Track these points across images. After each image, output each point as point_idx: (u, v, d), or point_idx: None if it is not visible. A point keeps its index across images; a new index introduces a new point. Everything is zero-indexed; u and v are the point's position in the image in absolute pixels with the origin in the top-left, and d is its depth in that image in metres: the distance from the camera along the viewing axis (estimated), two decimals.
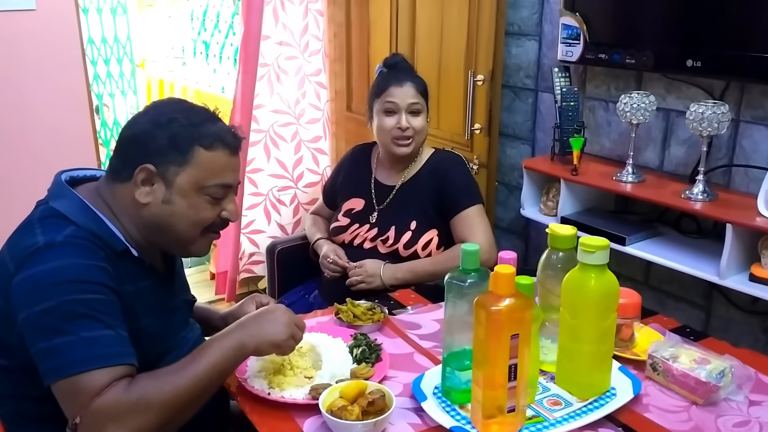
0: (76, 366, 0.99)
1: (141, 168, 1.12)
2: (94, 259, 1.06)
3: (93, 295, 1.03)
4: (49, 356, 1.00)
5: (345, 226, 1.95)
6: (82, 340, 1.00)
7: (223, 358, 1.10)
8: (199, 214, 1.16)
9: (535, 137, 2.29)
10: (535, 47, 2.22)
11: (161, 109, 1.17)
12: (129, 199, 1.14)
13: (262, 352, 1.17)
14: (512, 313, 1.07)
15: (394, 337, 1.46)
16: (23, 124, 2.41)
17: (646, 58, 1.80)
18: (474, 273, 1.18)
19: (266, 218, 3.11)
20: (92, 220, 1.11)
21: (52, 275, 1.02)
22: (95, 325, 1.01)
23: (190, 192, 1.14)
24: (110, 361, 1.01)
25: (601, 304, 1.20)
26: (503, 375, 1.08)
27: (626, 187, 1.82)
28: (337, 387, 1.17)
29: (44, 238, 1.05)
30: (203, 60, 4.31)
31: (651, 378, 1.30)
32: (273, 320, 1.17)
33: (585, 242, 1.17)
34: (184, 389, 1.05)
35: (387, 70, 1.91)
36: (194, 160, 1.13)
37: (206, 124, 1.15)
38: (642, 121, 1.79)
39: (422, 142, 1.90)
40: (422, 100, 1.86)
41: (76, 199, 1.13)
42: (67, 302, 1.00)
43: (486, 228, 1.85)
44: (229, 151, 1.17)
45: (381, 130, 1.88)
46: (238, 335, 1.13)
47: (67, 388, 1.00)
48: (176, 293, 1.29)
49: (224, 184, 1.17)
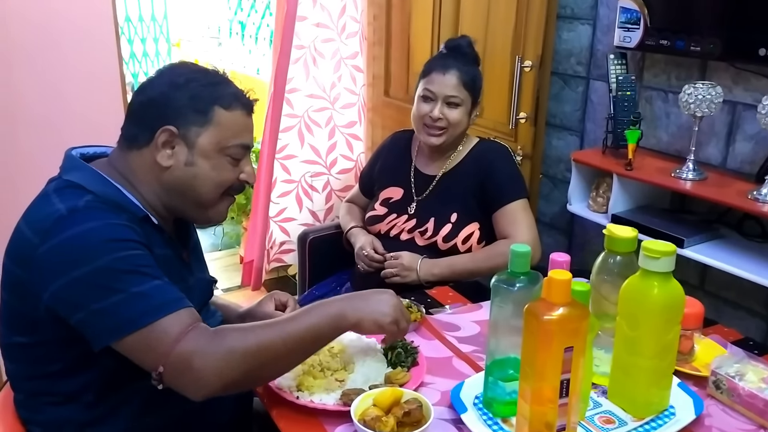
0: (141, 319, 0.97)
1: (162, 130, 1.10)
2: (120, 218, 1.04)
3: (130, 251, 1.01)
4: (106, 316, 0.97)
5: (382, 215, 1.86)
6: (135, 295, 0.98)
7: (319, 323, 1.07)
8: (222, 175, 1.14)
9: (585, 128, 2.16)
10: (588, 32, 2.09)
11: (176, 71, 1.15)
12: (149, 164, 1.12)
13: (363, 327, 1.11)
14: (567, 323, 0.97)
15: (431, 339, 1.37)
16: (52, 105, 2.36)
17: (713, 45, 1.66)
18: (524, 276, 1.08)
19: (298, 205, 3.04)
20: (109, 189, 1.09)
21: (84, 238, 0.99)
22: (143, 279, 0.99)
23: (213, 153, 1.12)
24: (172, 308, 0.99)
25: (664, 315, 1.09)
26: (554, 390, 0.98)
27: (686, 185, 1.69)
28: (370, 394, 1.09)
29: (65, 206, 1.02)
30: (239, 40, 4.26)
31: (713, 396, 1.19)
32: (381, 300, 1.14)
33: (649, 247, 1.06)
34: (272, 344, 1.02)
35: (445, 52, 1.81)
36: (215, 119, 1.11)
37: (223, 85, 1.14)
38: (707, 113, 1.65)
39: (457, 135, 1.80)
40: (464, 93, 1.75)
41: (90, 170, 1.10)
42: (108, 261, 0.98)
43: (531, 224, 1.74)
44: (246, 111, 1.16)
45: (414, 115, 1.80)
46: (341, 305, 1.11)
47: (137, 343, 0.98)
48: (194, 270, 1.25)
49: (244, 144, 1.16)
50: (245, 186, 1.20)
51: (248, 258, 3.03)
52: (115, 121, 2.57)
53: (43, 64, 2.32)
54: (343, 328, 1.10)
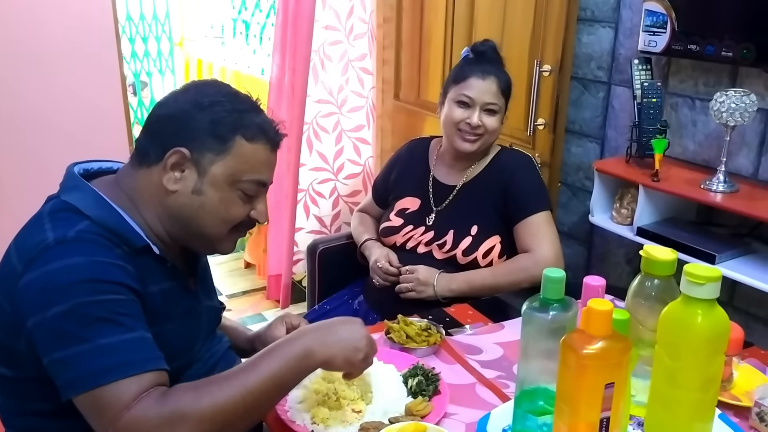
0: (97, 378, 0.88)
1: (174, 151, 1.01)
2: (110, 256, 0.95)
3: (110, 295, 0.92)
4: (66, 367, 0.90)
5: (398, 227, 1.78)
6: (101, 348, 0.89)
7: (282, 369, 0.95)
8: (230, 210, 1.06)
9: (606, 135, 2.09)
10: (610, 35, 2.01)
11: (204, 90, 1.06)
12: (154, 185, 1.04)
13: (333, 365, 1.01)
14: (609, 357, 0.90)
15: (452, 363, 1.29)
16: (52, 104, 2.30)
17: (746, 50, 1.58)
18: (557, 304, 1.00)
19: (305, 213, 2.98)
20: (108, 214, 1.00)
21: (64, 275, 0.91)
22: (115, 329, 0.91)
23: (224, 185, 1.04)
24: (135, 369, 0.90)
25: (709, 345, 1.01)
26: (592, 429, 0.91)
27: (717, 198, 1.62)
28: (391, 429, 1.00)
29: (54, 234, 0.95)
30: (243, 40, 4.19)
31: (757, 429, 1.12)
32: (351, 330, 1.03)
33: (692, 272, 0.98)
34: (231, 403, 0.91)
35: (473, 56, 1.73)
36: (234, 150, 1.03)
37: (251, 114, 1.05)
38: (739, 122, 1.57)
39: (491, 142, 1.73)
40: (502, 101, 1.68)
41: (91, 192, 1.02)
42: (82, 305, 0.90)
43: (554, 238, 1.66)
44: (270, 147, 1.07)
45: (448, 119, 1.71)
46: (306, 341, 0.99)
47: (90, 402, 0.89)
48: (201, 299, 1.16)
49: (260, 181, 1.07)
50: (255, 224, 1.12)
51: (273, 272, 2.95)
52: (116, 121, 2.53)
53: (43, 63, 2.26)
54: (310, 368, 0.99)
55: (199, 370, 1.13)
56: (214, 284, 1.26)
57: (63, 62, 2.29)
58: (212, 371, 1.15)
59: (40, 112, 2.29)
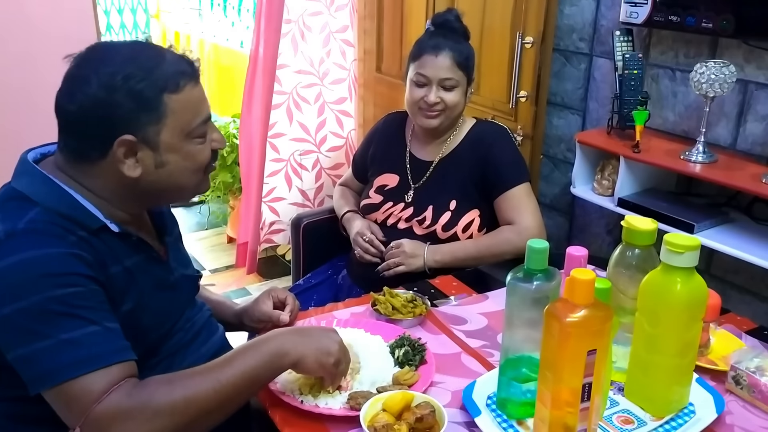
0: (63, 373, 0.88)
1: (119, 142, 0.98)
2: (63, 246, 0.93)
3: (68, 288, 0.91)
4: (30, 364, 0.90)
5: (377, 204, 1.78)
6: (63, 343, 0.89)
7: (255, 366, 0.98)
8: (196, 159, 1.06)
9: (587, 107, 2.10)
10: (591, 6, 2.01)
11: (102, 69, 0.98)
12: (113, 176, 1.01)
13: (305, 366, 1.03)
14: (591, 325, 0.92)
15: (438, 334, 1.31)
16: (28, 79, 2.24)
17: (726, 21, 1.59)
18: (541, 274, 1.02)
19: (287, 184, 2.95)
20: (59, 198, 0.98)
21: (18, 271, 0.90)
22: (76, 323, 0.90)
23: (179, 143, 1.03)
24: (102, 362, 0.90)
25: (687, 312, 1.04)
26: (575, 395, 0.94)
27: (696, 168, 1.64)
28: (379, 398, 1.02)
29: (3, 227, 0.93)
30: (221, 12, 4.11)
31: (733, 392, 1.15)
32: (327, 336, 1.07)
33: (672, 241, 1.01)
34: (202, 396, 0.93)
35: (433, 29, 1.71)
36: (169, 109, 1.00)
37: (160, 66, 1.00)
38: (719, 93, 1.59)
39: (455, 116, 1.72)
40: (460, 74, 1.66)
41: (40, 176, 1.00)
42: (40, 301, 0.89)
43: (535, 209, 1.68)
44: (194, 82, 1.04)
45: (408, 99, 1.71)
46: (281, 340, 1.02)
47: (58, 397, 0.90)
48: (173, 268, 1.16)
49: (204, 119, 1.06)
50: (218, 152, 1.12)
51: (241, 240, 2.94)
52: None
53: (15, 36, 2.20)
54: (283, 366, 1.02)
55: (181, 339, 1.14)
56: (187, 253, 1.26)
57: (40, 37, 2.23)
58: (195, 340, 1.17)
59: (13, 85, 2.23)
